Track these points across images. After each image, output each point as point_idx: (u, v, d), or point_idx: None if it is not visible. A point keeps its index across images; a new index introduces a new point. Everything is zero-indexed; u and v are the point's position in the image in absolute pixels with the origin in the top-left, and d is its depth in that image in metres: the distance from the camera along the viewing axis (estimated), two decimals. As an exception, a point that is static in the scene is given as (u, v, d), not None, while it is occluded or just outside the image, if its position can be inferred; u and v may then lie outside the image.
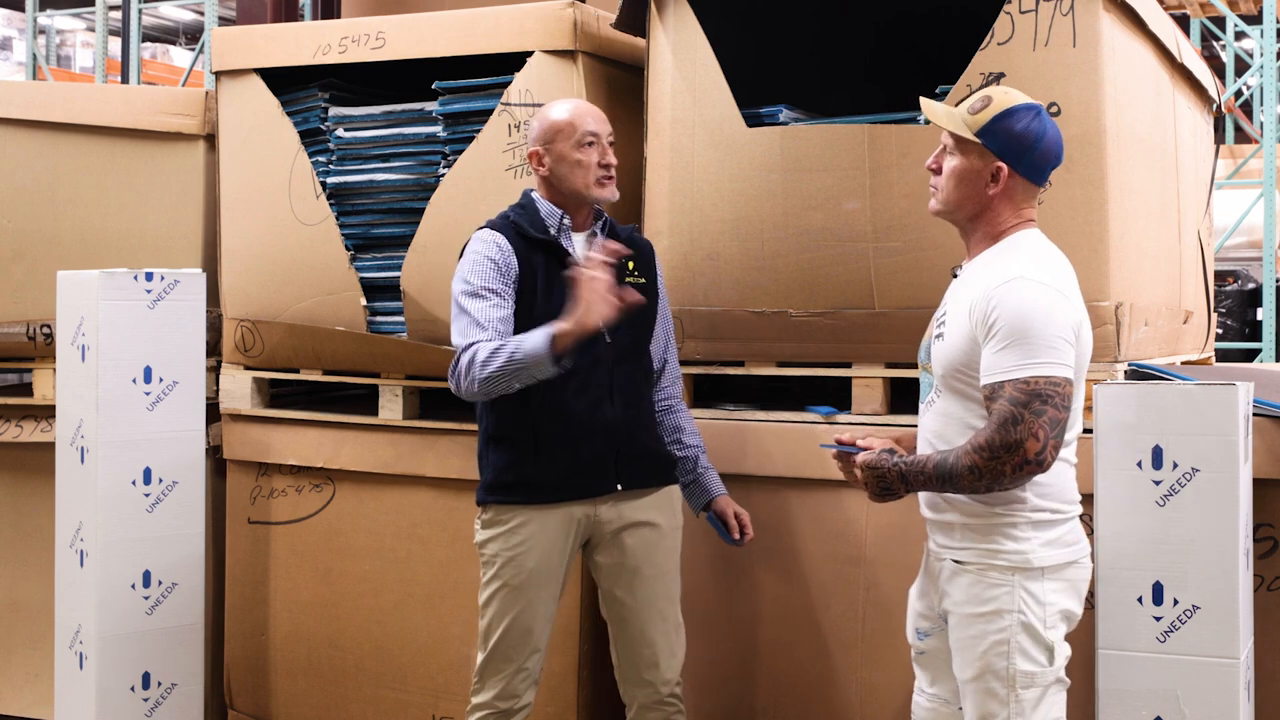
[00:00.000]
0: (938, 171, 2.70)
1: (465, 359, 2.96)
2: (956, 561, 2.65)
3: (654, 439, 3.21)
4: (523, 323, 3.05)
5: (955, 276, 2.76)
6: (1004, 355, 2.51)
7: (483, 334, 2.99)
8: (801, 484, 3.44)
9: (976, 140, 2.63)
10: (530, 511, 3.10)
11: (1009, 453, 2.47)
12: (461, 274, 3.09)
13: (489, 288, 3.04)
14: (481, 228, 3.16)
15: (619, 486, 3.13)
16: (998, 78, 3.21)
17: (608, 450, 3.10)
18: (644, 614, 3.17)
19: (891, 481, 2.64)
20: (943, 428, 2.68)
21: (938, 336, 2.69)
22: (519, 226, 3.11)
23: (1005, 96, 2.65)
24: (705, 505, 3.30)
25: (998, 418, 2.49)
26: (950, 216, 2.72)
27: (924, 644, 2.82)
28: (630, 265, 3.20)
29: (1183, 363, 3.96)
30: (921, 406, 2.78)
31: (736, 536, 3.25)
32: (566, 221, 3.14)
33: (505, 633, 3.11)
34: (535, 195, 3.18)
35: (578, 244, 3.16)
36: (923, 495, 2.73)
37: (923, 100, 2.78)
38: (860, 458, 2.69)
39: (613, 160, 3.14)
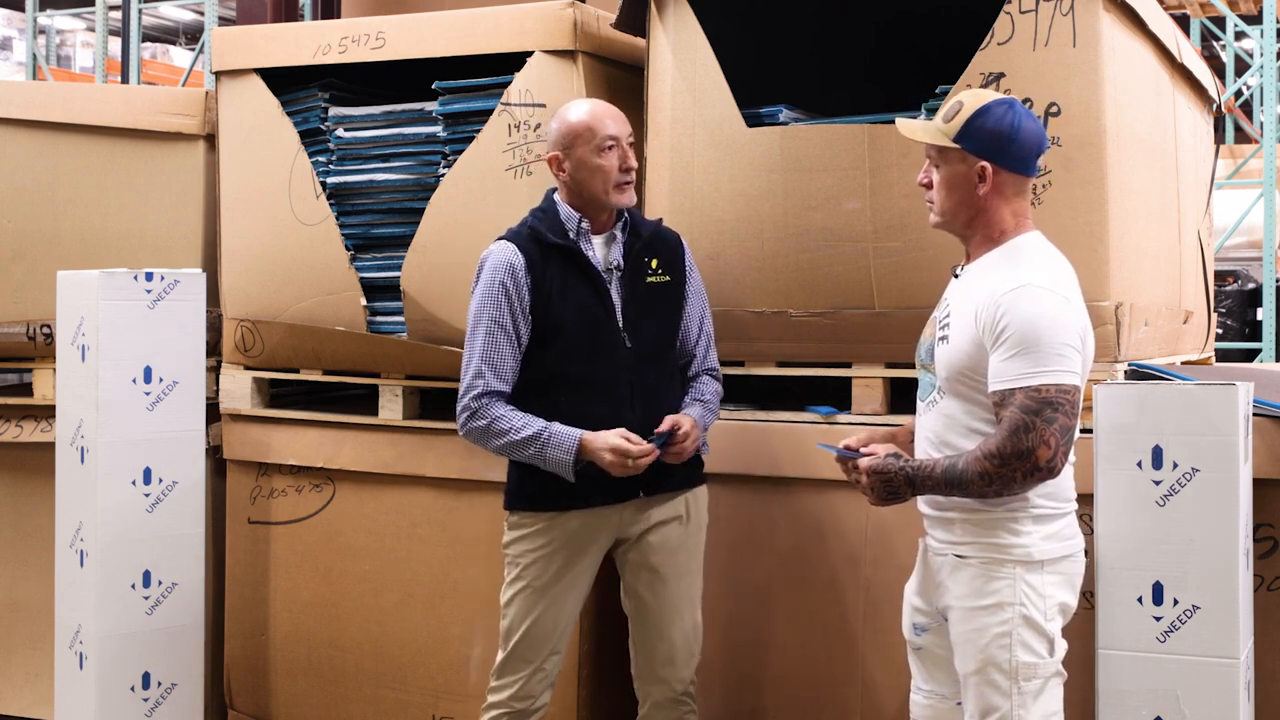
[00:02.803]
0: (930, 186, 2.74)
1: (483, 423, 3.06)
2: (958, 556, 2.67)
3: None
4: (539, 324, 3.09)
5: (956, 276, 2.77)
6: (1014, 363, 2.54)
7: (497, 381, 3.07)
8: (802, 484, 3.44)
9: (956, 146, 2.66)
10: (554, 516, 3.12)
11: (1020, 460, 2.50)
12: (479, 296, 3.11)
13: (500, 322, 3.08)
14: (500, 237, 3.17)
15: (640, 493, 3.14)
16: (998, 78, 3.21)
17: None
18: (664, 613, 3.19)
19: (898, 486, 2.65)
20: (944, 429, 2.69)
21: (941, 339, 2.70)
22: (536, 232, 3.13)
23: (975, 98, 2.69)
24: None
25: (1009, 425, 2.51)
26: (949, 226, 2.75)
27: (921, 639, 2.83)
28: (654, 264, 3.21)
29: (1183, 363, 3.96)
30: (920, 405, 2.79)
31: (664, 430, 3.07)
32: (585, 225, 3.15)
33: (526, 634, 3.13)
34: (556, 198, 3.19)
35: (597, 246, 3.17)
36: None
37: (898, 121, 2.82)
38: (865, 463, 2.69)
39: (633, 163, 3.15)
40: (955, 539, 2.68)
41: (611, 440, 3.01)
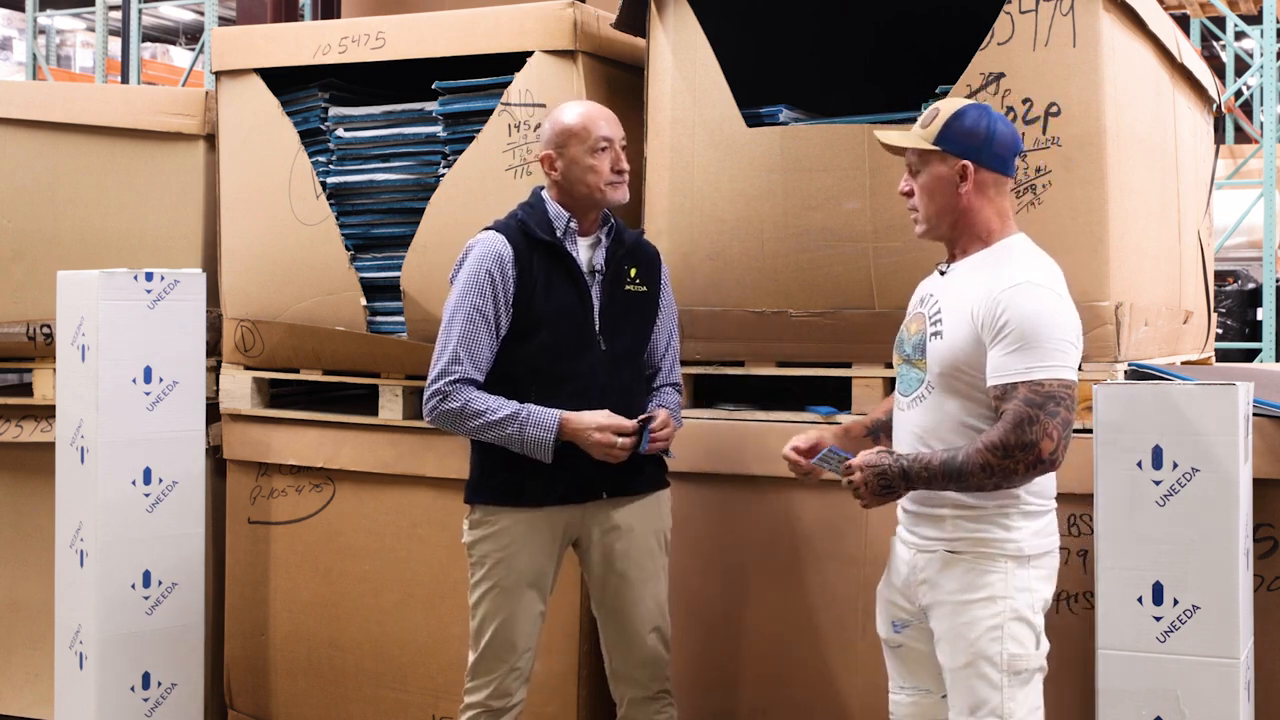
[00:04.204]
0: (911, 194, 2.78)
1: (456, 405, 3.05)
2: (950, 551, 2.69)
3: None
4: (520, 318, 3.09)
5: (941, 273, 2.80)
6: (1015, 357, 2.57)
7: (473, 369, 3.06)
8: (802, 484, 3.43)
9: (936, 148, 2.72)
10: (517, 514, 3.12)
11: (1024, 451, 2.53)
12: (462, 283, 3.10)
13: (482, 310, 3.07)
14: (487, 228, 3.17)
15: (605, 494, 3.14)
16: (998, 78, 3.21)
17: (593, 458, 3.09)
18: (631, 616, 3.19)
19: (892, 480, 2.66)
20: (936, 425, 2.71)
21: (934, 335, 2.72)
22: (525, 226, 3.13)
23: (950, 104, 2.76)
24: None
25: (1012, 418, 2.54)
26: (935, 232, 2.78)
27: (901, 636, 2.85)
28: (633, 273, 3.21)
29: (1183, 363, 3.96)
30: (903, 401, 2.80)
31: (649, 416, 3.09)
32: (573, 225, 3.15)
33: (496, 633, 3.13)
34: (545, 195, 3.20)
35: (582, 247, 3.17)
36: None
37: (877, 131, 2.86)
38: (861, 458, 2.70)
39: (625, 166, 3.15)
40: (946, 535, 2.70)
41: (600, 419, 3.03)
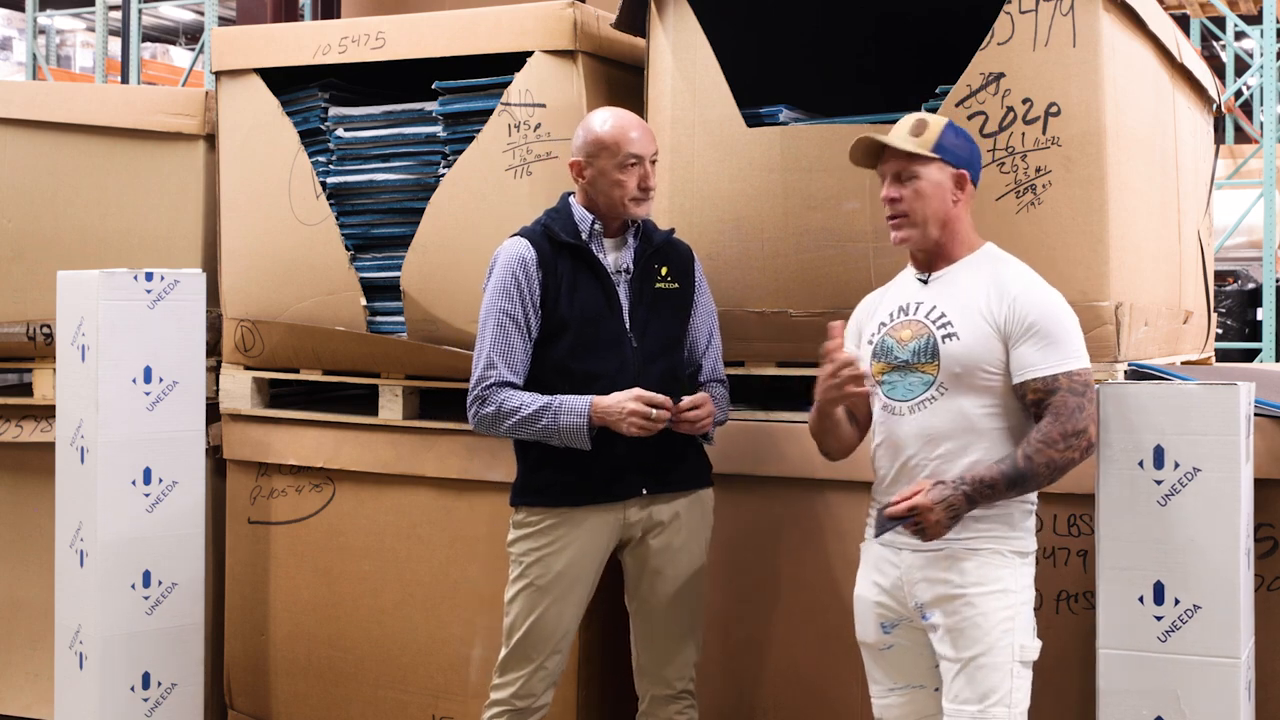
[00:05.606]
0: (898, 200, 2.78)
1: (491, 409, 3.08)
2: (965, 549, 2.72)
3: (682, 442, 3.19)
4: (548, 319, 3.12)
5: (924, 282, 2.84)
6: (1049, 351, 2.67)
7: (508, 372, 3.09)
8: (804, 484, 3.44)
9: (935, 156, 2.76)
10: (559, 514, 3.13)
11: (1078, 438, 2.65)
12: (491, 291, 3.14)
13: (511, 314, 3.10)
14: (514, 234, 3.19)
15: (644, 490, 3.15)
16: (998, 78, 3.21)
17: (633, 454, 3.10)
18: (664, 613, 3.20)
19: (959, 509, 2.67)
20: (949, 425, 2.73)
21: (947, 337, 2.74)
22: (549, 230, 3.16)
23: (934, 118, 2.82)
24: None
25: (1063, 408, 2.64)
26: (925, 236, 2.80)
27: (890, 637, 2.86)
28: (664, 271, 3.23)
29: (1183, 363, 3.96)
30: (901, 406, 2.80)
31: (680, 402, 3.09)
32: (598, 227, 3.17)
33: (528, 632, 3.14)
34: (571, 200, 3.22)
35: (608, 248, 3.19)
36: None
37: (874, 135, 2.85)
38: (929, 498, 2.65)
39: (653, 183, 3.16)
40: (954, 535, 2.72)
41: (632, 392, 3.03)
